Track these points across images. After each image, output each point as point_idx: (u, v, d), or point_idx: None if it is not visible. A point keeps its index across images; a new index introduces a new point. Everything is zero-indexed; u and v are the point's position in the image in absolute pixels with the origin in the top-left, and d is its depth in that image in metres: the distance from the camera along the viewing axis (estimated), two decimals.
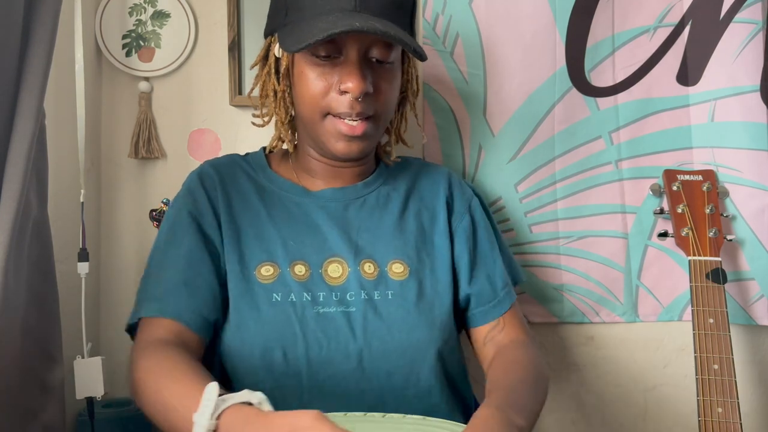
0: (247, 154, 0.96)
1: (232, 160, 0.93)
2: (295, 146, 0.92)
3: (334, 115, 0.82)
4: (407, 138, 0.98)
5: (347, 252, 0.85)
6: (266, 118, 0.92)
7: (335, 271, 0.84)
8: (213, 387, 0.60)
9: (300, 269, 0.83)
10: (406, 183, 0.94)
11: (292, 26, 0.80)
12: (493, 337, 0.89)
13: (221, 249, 0.84)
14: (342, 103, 0.80)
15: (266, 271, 0.82)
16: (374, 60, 0.82)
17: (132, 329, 0.82)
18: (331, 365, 0.79)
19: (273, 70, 0.87)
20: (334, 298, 0.82)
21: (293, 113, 0.89)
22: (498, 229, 1.01)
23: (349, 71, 0.79)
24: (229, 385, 0.81)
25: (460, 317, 0.93)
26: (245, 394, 0.61)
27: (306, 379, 0.79)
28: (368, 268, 0.85)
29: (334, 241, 0.86)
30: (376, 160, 0.97)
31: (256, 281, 0.82)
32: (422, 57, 0.80)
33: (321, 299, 0.82)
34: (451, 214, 0.93)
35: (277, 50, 0.86)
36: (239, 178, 0.90)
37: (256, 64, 0.91)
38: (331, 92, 0.81)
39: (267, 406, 0.60)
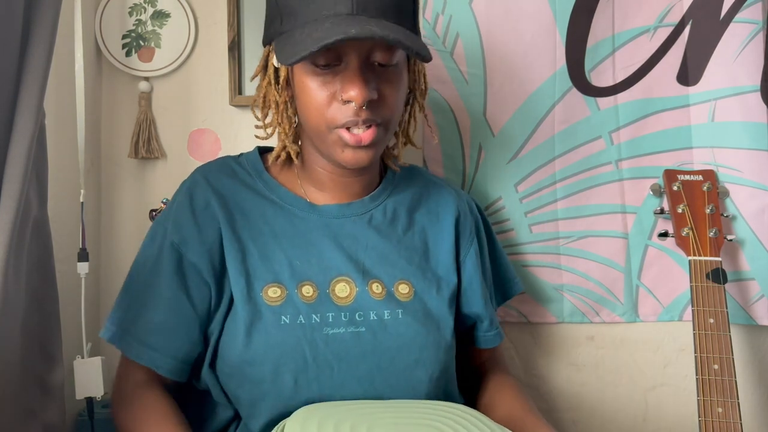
0: (240, 155, 0.92)
1: (226, 165, 0.89)
2: (298, 154, 0.88)
3: (340, 127, 0.77)
4: (414, 138, 0.95)
5: (354, 271, 0.83)
6: (269, 130, 0.88)
7: (343, 290, 0.82)
8: None
9: (308, 290, 0.81)
10: (412, 196, 0.92)
11: (287, 36, 0.76)
12: (492, 355, 0.99)
13: (211, 277, 0.81)
14: (346, 112, 0.76)
15: (273, 293, 0.80)
16: (377, 64, 0.77)
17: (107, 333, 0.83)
18: (343, 388, 0.78)
19: (273, 81, 0.83)
20: (343, 319, 0.80)
21: (296, 122, 0.85)
22: (500, 246, 1.04)
23: (350, 79, 0.75)
24: (238, 403, 0.81)
25: (462, 335, 0.93)
26: None
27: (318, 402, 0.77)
28: (376, 288, 0.82)
29: (341, 261, 0.83)
30: (382, 167, 0.94)
31: (263, 303, 0.79)
32: (426, 58, 0.75)
33: (330, 320, 0.79)
34: (459, 238, 0.91)
35: (275, 60, 0.81)
36: (237, 189, 0.85)
37: (256, 75, 0.86)
38: (334, 102, 0.77)
39: None
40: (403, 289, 0.84)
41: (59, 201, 1.01)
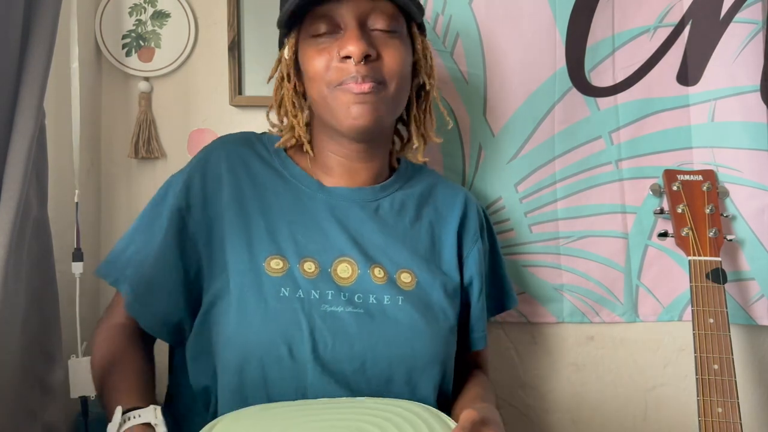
0: (264, 132, 0.95)
1: (248, 139, 0.92)
2: (310, 143, 0.90)
3: (340, 85, 0.81)
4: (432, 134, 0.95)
5: (358, 254, 0.84)
6: (285, 123, 0.91)
7: (345, 271, 0.83)
8: (119, 410, 0.72)
9: (310, 266, 0.82)
10: (422, 191, 0.93)
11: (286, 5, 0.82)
12: (475, 360, 0.98)
13: (206, 248, 0.83)
14: (345, 69, 0.79)
15: (276, 265, 0.81)
16: (376, 30, 0.81)
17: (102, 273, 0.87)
18: (336, 364, 0.78)
19: (285, 74, 0.87)
20: (342, 298, 0.81)
21: (307, 111, 0.89)
22: (501, 258, 1.04)
23: (348, 36, 0.79)
24: (231, 371, 0.79)
25: (462, 337, 0.93)
26: (149, 414, 0.71)
27: (311, 377, 0.77)
28: (378, 272, 0.84)
29: (345, 243, 0.84)
30: (390, 169, 0.95)
31: (264, 273, 0.80)
32: (415, 13, 0.82)
33: (329, 297, 0.80)
34: (462, 236, 0.92)
35: (285, 53, 0.86)
36: (253, 162, 0.88)
37: (272, 76, 0.91)
38: (333, 62, 0.80)
39: (162, 429, 0.69)
40: (406, 278, 0.85)
41: (58, 201, 1.01)
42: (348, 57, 0.79)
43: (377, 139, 0.88)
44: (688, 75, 1.15)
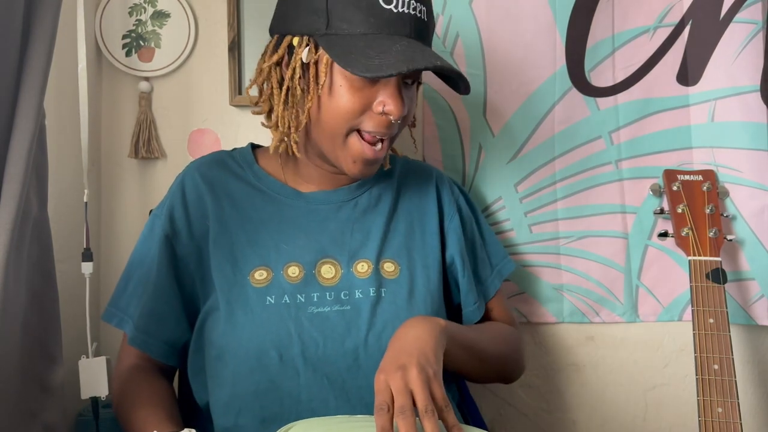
0: (234, 149, 0.95)
1: (220, 159, 0.92)
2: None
3: (360, 133, 0.80)
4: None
5: (340, 254, 0.85)
6: (269, 113, 0.87)
7: (328, 272, 0.84)
8: None
9: (293, 271, 0.83)
10: (396, 182, 0.94)
11: (338, 39, 0.76)
12: (490, 315, 0.97)
13: (198, 269, 0.85)
14: (379, 122, 0.79)
15: (260, 276, 0.83)
16: (407, 82, 0.81)
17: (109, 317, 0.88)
18: (327, 363, 0.79)
19: (297, 75, 0.80)
20: (328, 298, 0.82)
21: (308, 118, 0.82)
22: (484, 222, 1.02)
23: (391, 94, 0.77)
24: (223, 384, 0.81)
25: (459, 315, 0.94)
26: None
27: (303, 378, 0.79)
28: (361, 267, 0.85)
29: (326, 244, 0.86)
30: None
31: (249, 285, 0.82)
32: (467, 90, 0.82)
33: (315, 299, 0.82)
34: (441, 215, 0.94)
35: (305, 55, 0.78)
36: (228, 180, 0.89)
37: (269, 64, 0.82)
38: (368, 111, 0.79)
39: None
40: (389, 267, 0.86)
41: (61, 201, 1.01)
42: (387, 114, 0.78)
43: None
44: (688, 75, 1.15)
